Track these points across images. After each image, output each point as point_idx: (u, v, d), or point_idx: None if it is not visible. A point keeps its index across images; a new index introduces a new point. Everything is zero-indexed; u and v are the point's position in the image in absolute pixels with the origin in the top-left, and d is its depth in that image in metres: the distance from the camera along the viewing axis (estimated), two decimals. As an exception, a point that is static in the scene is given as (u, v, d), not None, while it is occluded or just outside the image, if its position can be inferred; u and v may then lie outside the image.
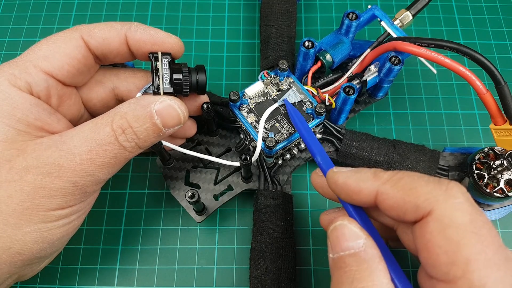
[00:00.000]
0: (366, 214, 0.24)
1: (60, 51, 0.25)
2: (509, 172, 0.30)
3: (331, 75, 0.36)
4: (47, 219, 0.24)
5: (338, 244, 0.22)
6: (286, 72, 0.34)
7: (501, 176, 0.30)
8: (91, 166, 0.24)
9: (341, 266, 0.21)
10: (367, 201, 0.22)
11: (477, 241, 0.19)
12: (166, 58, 0.27)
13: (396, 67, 0.32)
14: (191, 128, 0.33)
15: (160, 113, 0.25)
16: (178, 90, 0.27)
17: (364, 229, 0.22)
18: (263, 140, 0.31)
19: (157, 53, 0.27)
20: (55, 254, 0.28)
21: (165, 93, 0.26)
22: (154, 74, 0.27)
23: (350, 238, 0.22)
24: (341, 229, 0.22)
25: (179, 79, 0.27)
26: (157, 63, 0.26)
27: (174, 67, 0.27)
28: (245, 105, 0.33)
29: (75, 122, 0.28)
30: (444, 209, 0.20)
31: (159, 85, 0.26)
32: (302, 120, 0.30)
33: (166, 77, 0.27)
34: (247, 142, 0.33)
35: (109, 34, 0.26)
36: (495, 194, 0.30)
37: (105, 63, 0.28)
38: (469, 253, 0.19)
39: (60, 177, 0.23)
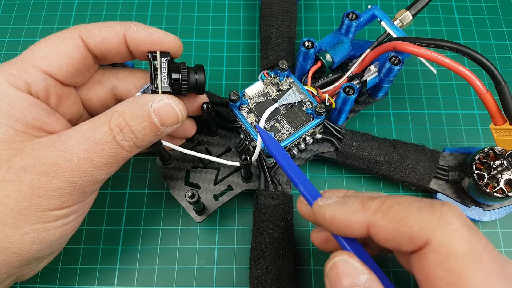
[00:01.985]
0: (360, 244, 0.23)
1: (59, 51, 0.25)
2: (509, 172, 0.30)
3: (331, 75, 0.36)
4: (45, 219, 0.23)
5: (340, 282, 0.20)
6: (286, 72, 0.34)
7: (501, 176, 0.30)
8: (88, 165, 0.24)
9: None
10: (359, 233, 0.21)
11: (479, 270, 0.18)
12: (164, 57, 0.27)
13: (396, 67, 0.32)
14: (191, 128, 0.33)
15: (157, 112, 0.25)
16: (176, 90, 0.27)
17: (364, 263, 0.21)
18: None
19: (156, 52, 0.27)
20: (53, 254, 0.28)
21: (163, 92, 0.26)
22: (153, 73, 0.26)
23: (352, 275, 0.20)
24: (341, 265, 0.21)
25: (178, 79, 0.27)
26: (156, 62, 0.26)
27: (173, 66, 0.27)
28: (245, 105, 0.33)
29: (74, 122, 0.28)
30: (441, 238, 0.19)
31: (157, 84, 0.26)
32: (278, 147, 0.27)
33: (164, 76, 0.26)
34: (247, 142, 0.33)
35: (108, 34, 0.26)
36: (495, 194, 0.30)
37: (104, 62, 0.28)
38: (472, 283, 0.18)
39: (57, 176, 0.23)
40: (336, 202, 0.22)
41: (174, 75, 0.27)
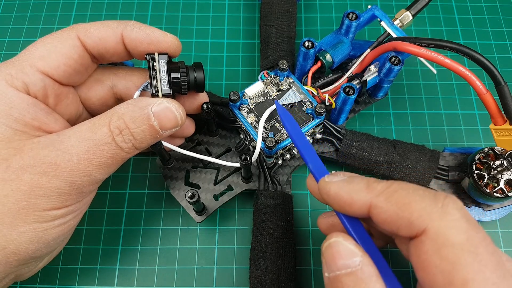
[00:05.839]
0: (361, 224, 0.23)
1: (56, 50, 0.25)
2: (509, 172, 0.30)
3: (331, 75, 0.36)
4: (43, 219, 0.24)
5: (334, 262, 0.21)
6: (286, 72, 0.34)
7: (501, 176, 0.30)
8: (88, 166, 0.24)
9: (337, 286, 0.21)
10: (361, 213, 0.22)
11: (474, 260, 0.18)
12: (163, 59, 0.27)
13: (396, 67, 0.32)
14: (189, 128, 0.33)
15: (157, 115, 0.25)
16: (176, 90, 0.27)
17: (360, 245, 0.21)
18: (263, 140, 0.31)
19: (154, 54, 0.27)
20: (53, 254, 0.28)
21: (163, 95, 0.26)
22: (152, 75, 0.26)
23: (346, 256, 0.21)
24: (336, 247, 0.21)
25: (177, 78, 0.27)
26: (154, 64, 0.26)
27: (172, 66, 0.27)
28: (245, 105, 0.33)
29: (73, 122, 0.28)
30: (439, 227, 0.19)
31: (157, 87, 0.26)
32: (293, 123, 0.28)
33: (164, 78, 0.26)
34: (247, 142, 0.33)
35: (105, 34, 0.26)
36: (495, 194, 0.30)
37: (102, 62, 0.28)
38: (466, 273, 0.18)
39: (56, 176, 0.23)
40: (342, 180, 0.23)
41: (173, 75, 0.27)
